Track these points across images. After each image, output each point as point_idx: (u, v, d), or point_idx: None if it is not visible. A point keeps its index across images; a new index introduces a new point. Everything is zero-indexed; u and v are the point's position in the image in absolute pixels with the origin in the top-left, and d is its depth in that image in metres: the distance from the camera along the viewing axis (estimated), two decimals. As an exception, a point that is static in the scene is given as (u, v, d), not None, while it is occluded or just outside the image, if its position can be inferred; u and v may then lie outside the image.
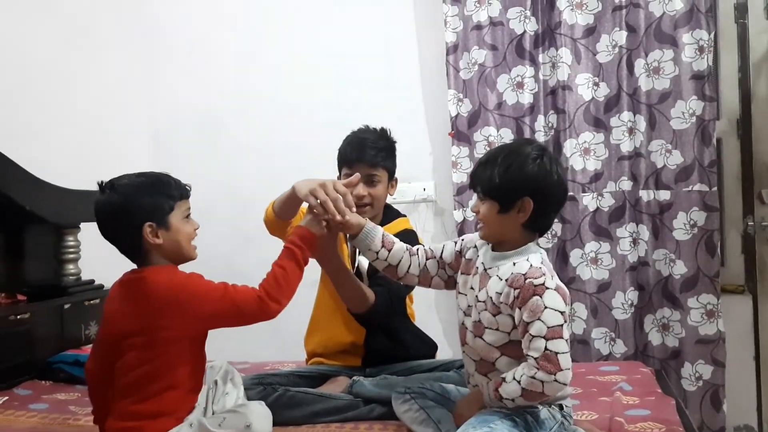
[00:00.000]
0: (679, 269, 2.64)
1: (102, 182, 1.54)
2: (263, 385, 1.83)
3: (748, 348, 2.77)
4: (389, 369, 2.01)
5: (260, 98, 3.17)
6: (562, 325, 1.42)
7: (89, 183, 2.50)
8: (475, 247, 1.64)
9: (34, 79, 2.62)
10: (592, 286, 2.72)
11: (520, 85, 2.78)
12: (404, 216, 2.18)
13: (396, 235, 1.86)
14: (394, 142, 2.14)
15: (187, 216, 1.58)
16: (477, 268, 1.59)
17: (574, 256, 2.74)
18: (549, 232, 2.76)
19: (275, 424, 1.58)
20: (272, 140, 3.15)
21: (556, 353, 1.40)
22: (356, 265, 2.05)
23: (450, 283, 1.70)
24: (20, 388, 2.11)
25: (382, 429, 1.72)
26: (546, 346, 1.41)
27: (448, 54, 2.84)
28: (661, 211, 2.68)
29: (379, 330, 2.04)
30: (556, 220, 2.78)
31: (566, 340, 1.43)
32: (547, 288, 1.44)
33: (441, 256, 1.69)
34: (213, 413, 1.59)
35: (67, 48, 2.78)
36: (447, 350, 2.71)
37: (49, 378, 2.20)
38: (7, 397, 2.02)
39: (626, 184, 2.72)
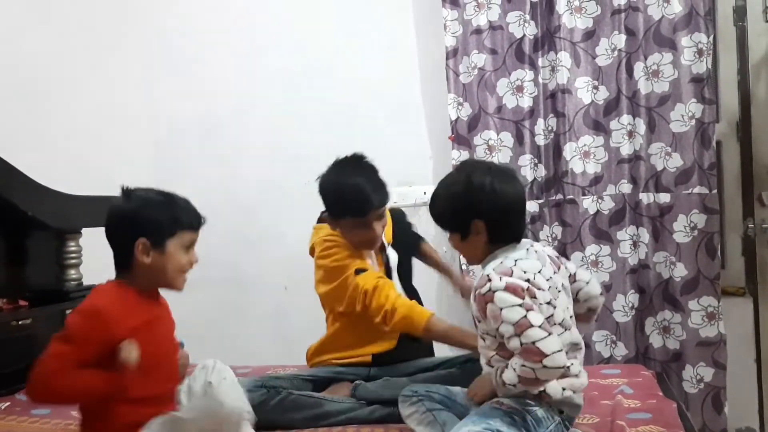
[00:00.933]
0: (680, 272, 2.65)
1: (124, 187, 1.53)
2: (266, 388, 1.84)
3: (749, 350, 2.77)
4: (394, 370, 2.02)
5: (261, 104, 3.18)
6: (525, 316, 1.44)
7: (91, 188, 2.53)
8: None
9: (36, 85, 2.63)
10: (592, 288, 2.72)
11: (519, 89, 2.79)
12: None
13: (393, 222, 2.13)
14: None
15: (189, 248, 1.54)
16: None
17: (575, 259, 2.74)
18: (549, 236, 2.77)
19: (278, 427, 1.58)
20: (273, 145, 3.16)
21: (533, 342, 1.43)
22: (389, 265, 2.10)
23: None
24: (22, 394, 2.11)
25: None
26: (521, 342, 1.44)
27: (448, 58, 2.85)
28: (661, 214, 2.69)
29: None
30: (556, 223, 2.78)
31: (538, 326, 1.44)
32: (494, 292, 1.47)
33: None
34: None
35: (68, 54, 2.79)
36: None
37: (51, 383, 2.20)
38: (8, 403, 2.03)
39: (626, 187, 2.72)
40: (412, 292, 2.16)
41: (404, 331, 1.90)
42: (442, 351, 2.21)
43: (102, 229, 2.49)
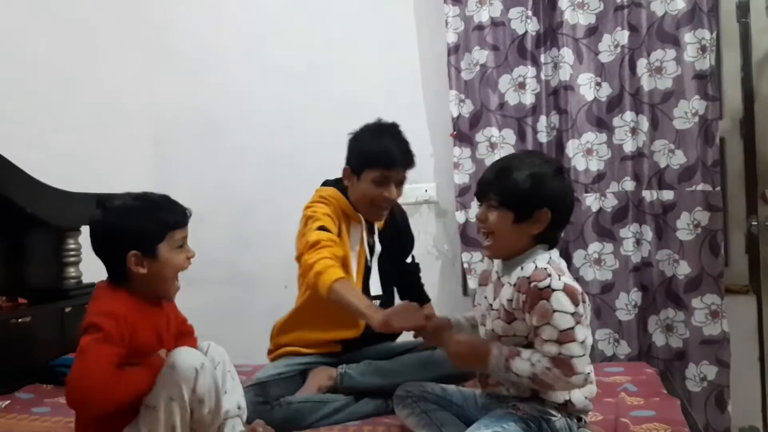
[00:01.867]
0: (683, 270, 2.63)
1: (99, 198, 1.52)
2: (268, 403, 1.84)
3: (753, 348, 2.75)
4: (366, 353, 2.03)
5: (260, 101, 3.17)
6: (573, 328, 1.40)
7: (90, 186, 2.52)
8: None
9: (35, 82, 2.62)
10: (595, 287, 2.70)
11: (521, 86, 2.78)
12: None
13: (392, 214, 2.12)
14: None
15: (182, 245, 1.51)
16: (492, 277, 1.60)
17: (578, 257, 2.72)
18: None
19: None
20: (273, 143, 3.15)
21: (570, 357, 1.40)
22: (373, 252, 2.09)
23: None
24: (22, 392, 2.11)
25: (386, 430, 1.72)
26: (560, 351, 1.40)
27: (450, 54, 2.83)
28: (664, 212, 2.67)
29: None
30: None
31: (580, 343, 1.41)
32: (553, 290, 1.43)
33: None
34: None
35: (68, 51, 2.78)
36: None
37: (50, 382, 2.20)
38: (9, 401, 2.02)
39: (629, 185, 2.71)
40: (388, 294, 2.13)
41: (315, 289, 1.86)
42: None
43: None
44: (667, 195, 2.66)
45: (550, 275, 1.45)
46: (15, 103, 2.51)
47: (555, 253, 1.56)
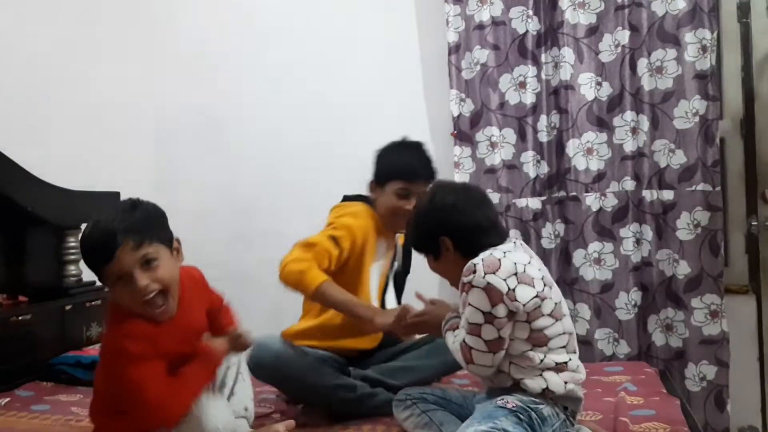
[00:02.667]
0: (683, 269, 2.63)
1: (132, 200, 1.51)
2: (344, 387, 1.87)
3: (752, 348, 2.75)
4: (374, 359, 2.09)
5: (262, 100, 3.17)
6: (480, 325, 1.49)
7: (91, 184, 2.52)
8: None
9: (36, 79, 2.62)
10: (595, 286, 2.71)
11: (522, 85, 2.78)
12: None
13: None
14: None
15: (120, 277, 1.43)
16: None
17: (578, 256, 2.73)
18: (552, 233, 2.76)
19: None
20: (274, 143, 3.15)
21: (470, 348, 1.51)
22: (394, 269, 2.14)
23: None
24: (22, 390, 2.11)
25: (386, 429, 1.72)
26: (464, 339, 1.53)
27: (450, 54, 2.83)
28: (664, 211, 2.67)
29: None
30: (558, 220, 2.77)
31: (487, 340, 1.49)
32: (473, 286, 1.50)
33: None
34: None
35: (69, 49, 2.78)
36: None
37: (50, 379, 2.20)
38: (8, 399, 2.03)
39: (629, 184, 2.71)
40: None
41: (294, 288, 1.89)
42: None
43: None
44: (667, 195, 2.66)
45: (475, 272, 1.50)
46: (16, 101, 2.51)
47: (506, 247, 1.57)
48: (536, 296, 1.51)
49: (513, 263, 1.51)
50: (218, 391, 1.61)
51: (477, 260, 1.52)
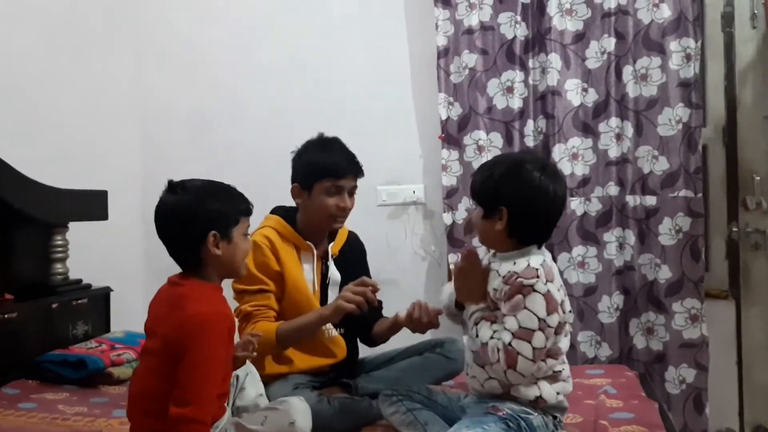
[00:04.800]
0: (664, 274, 2.67)
1: (172, 181, 1.51)
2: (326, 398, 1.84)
3: (731, 352, 2.81)
4: (355, 371, 2.09)
5: (250, 100, 3.17)
6: (533, 330, 1.46)
7: (77, 183, 2.52)
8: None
9: (23, 78, 2.60)
10: (578, 289, 2.74)
11: (509, 90, 2.81)
12: None
13: (347, 242, 2.14)
14: None
15: (246, 234, 1.55)
16: (489, 268, 1.64)
17: (562, 259, 2.76)
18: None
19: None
20: (262, 142, 3.15)
21: (518, 353, 1.46)
22: (328, 279, 2.10)
23: None
24: (8, 388, 2.10)
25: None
26: (510, 342, 1.47)
27: (439, 57, 2.86)
28: (647, 216, 2.71)
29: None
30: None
31: (535, 348, 1.46)
32: (534, 291, 1.48)
33: None
34: (236, 409, 1.61)
35: (55, 47, 2.77)
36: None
37: (36, 378, 2.19)
38: (-6, 397, 2.02)
39: (613, 189, 2.75)
40: (350, 327, 2.12)
41: (263, 354, 1.87)
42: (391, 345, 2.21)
43: (88, 224, 2.49)
44: (650, 200, 2.70)
45: (538, 277, 1.50)
46: (2, 100, 2.50)
47: (549, 256, 1.60)
48: (570, 311, 1.55)
49: (558, 274, 1.55)
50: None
51: (536, 265, 1.51)
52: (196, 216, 1.46)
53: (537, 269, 1.51)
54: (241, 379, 1.66)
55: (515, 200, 1.55)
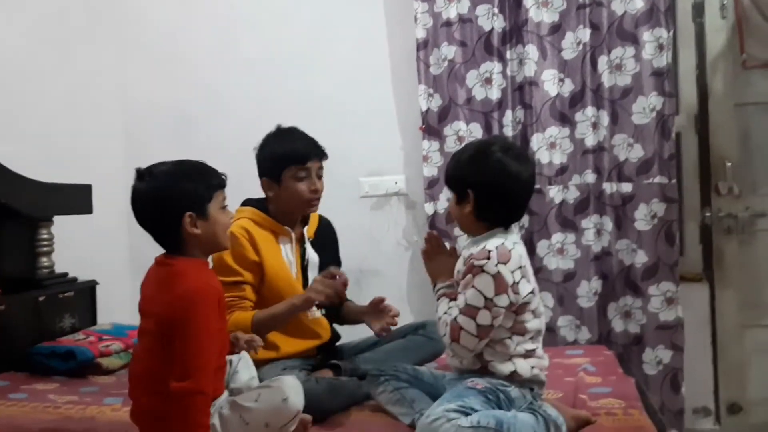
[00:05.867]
0: (641, 258, 2.74)
1: (140, 169, 1.53)
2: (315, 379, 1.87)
3: (706, 333, 2.89)
4: (340, 353, 2.13)
5: (231, 94, 3.19)
6: (479, 308, 1.54)
7: (61, 177, 2.53)
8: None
9: (6, 72, 2.61)
10: (558, 275, 2.81)
11: (488, 81, 2.86)
12: None
13: (320, 226, 2.17)
14: None
15: (224, 207, 1.57)
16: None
17: (541, 246, 2.82)
18: (516, 225, 2.84)
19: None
20: (244, 137, 3.12)
21: (461, 328, 1.55)
22: (306, 260, 2.14)
23: None
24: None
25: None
26: (456, 317, 1.56)
27: (419, 50, 2.90)
28: (623, 203, 2.78)
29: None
30: (523, 212, 2.86)
31: (480, 325, 1.54)
32: (483, 271, 1.55)
33: None
34: (230, 391, 1.64)
35: (37, 41, 2.78)
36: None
37: (25, 369, 2.21)
38: (-16, 388, 2.03)
39: (590, 177, 2.81)
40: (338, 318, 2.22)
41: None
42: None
43: (73, 218, 2.49)
44: (626, 187, 2.77)
45: (489, 258, 1.56)
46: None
47: (514, 238, 1.65)
48: (531, 292, 1.61)
49: (519, 256, 1.60)
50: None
51: (491, 247, 1.57)
52: (167, 200, 1.49)
53: (490, 251, 1.57)
54: (234, 363, 1.70)
55: (479, 183, 1.62)
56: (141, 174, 1.53)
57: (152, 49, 3.26)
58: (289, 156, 2.07)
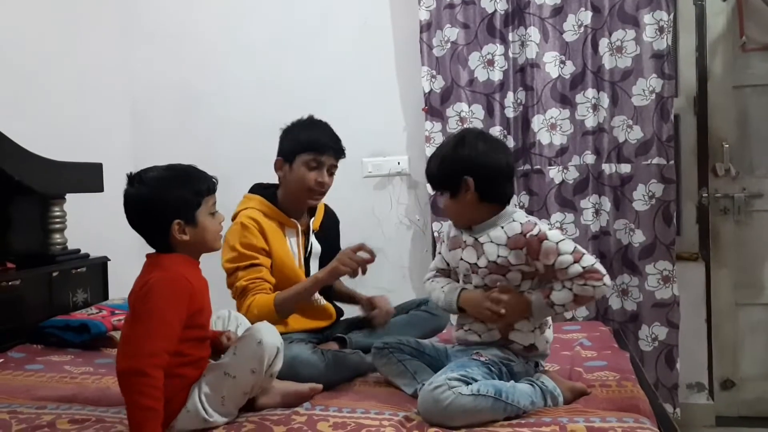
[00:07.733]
0: (638, 238, 2.80)
1: (131, 173, 1.54)
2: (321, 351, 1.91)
3: (701, 311, 2.96)
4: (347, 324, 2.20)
5: (237, 74, 3.23)
6: (576, 246, 1.63)
7: (70, 156, 2.58)
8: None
9: (12, 53, 2.65)
10: (557, 254, 2.86)
11: (490, 63, 2.90)
12: None
13: (325, 215, 2.24)
14: None
15: (213, 213, 1.58)
16: (465, 242, 1.74)
17: (541, 226, 2.87)
18: (517, 204, 2.90)
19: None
20: (250, 117, 3.21)
21: (592, 265, 1.61)
22: (309, 248, 2.19)
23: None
24: (13, 352, 2.18)
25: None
26: (582, 266, 1.60)
27: (422, 32, 2.93)
28: (622, 183, 2.83)
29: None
30: (523, 192, 2.92)
31: (586, 253, 1.62)
32: (545, 232, 1.64)
33: (448, 266, 1.85)
34: None
35: (44, 23, 2.81)
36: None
37: (40, 342, 2.28)
38: (2, 360, 2.10)
39: (590, 158, 2.86)
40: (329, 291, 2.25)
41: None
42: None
43: (84, 196, 2.54)
44: (625, 168, 2.82)
45: (536, 224, 1.66)
46: (-1, 76, 2.55)
47: (522, 211, 1.75)
48: None
49: None
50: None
51: (525, 219, 1.67)
52: (155, 208, 1.51)
53: (529, 220, 1.67)
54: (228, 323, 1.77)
55: (474, 165, 1.67)
56: (131, 179, 1.54)
57: (157, 30, 3.29)
58: (307, 142, 2.11)
